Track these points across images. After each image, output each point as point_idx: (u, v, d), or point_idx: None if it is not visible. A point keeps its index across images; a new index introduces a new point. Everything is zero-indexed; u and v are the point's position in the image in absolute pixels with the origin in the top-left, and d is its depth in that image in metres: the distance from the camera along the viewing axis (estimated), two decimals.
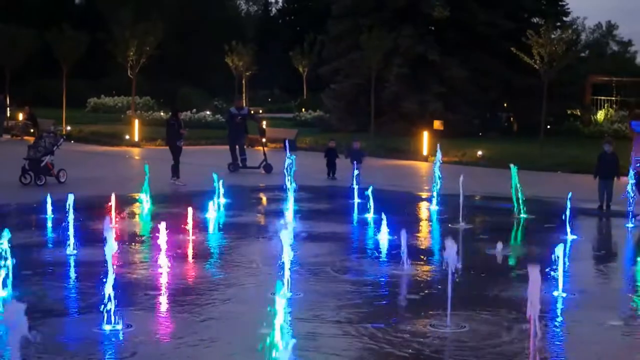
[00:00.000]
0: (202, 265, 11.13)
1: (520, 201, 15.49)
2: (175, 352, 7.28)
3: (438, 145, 18.44)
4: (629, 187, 14.91)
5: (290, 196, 15.24)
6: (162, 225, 10.10)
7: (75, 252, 11.44)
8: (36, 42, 40.51)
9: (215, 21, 70.13)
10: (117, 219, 13.98)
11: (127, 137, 32.90)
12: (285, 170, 16.55)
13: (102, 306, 7.77)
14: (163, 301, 9.02)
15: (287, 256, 8.83)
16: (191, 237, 12.67)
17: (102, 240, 7.94)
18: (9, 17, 46.27)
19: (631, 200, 14.85)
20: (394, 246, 12.37)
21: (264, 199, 18.83)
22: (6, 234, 8.56)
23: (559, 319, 8.67)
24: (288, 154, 16.83)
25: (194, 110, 43.55)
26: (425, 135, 28.43)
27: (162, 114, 43.34)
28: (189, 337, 7.73)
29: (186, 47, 64.48)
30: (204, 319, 8.35)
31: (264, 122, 31.66)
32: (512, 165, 15.34)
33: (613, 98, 45.39)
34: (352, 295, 9.39)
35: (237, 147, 23.66)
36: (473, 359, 7.13)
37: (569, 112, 43.63)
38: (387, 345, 7.50)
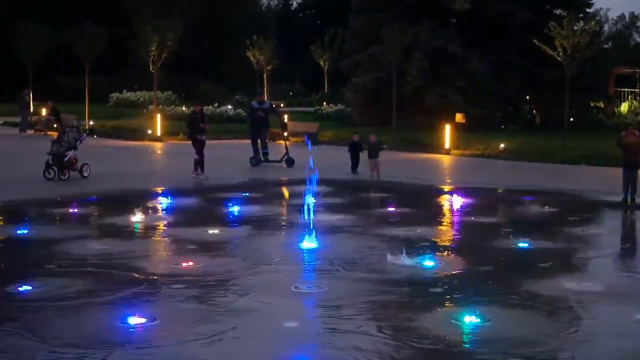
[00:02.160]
0: (225, 259, 11.14)
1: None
2: (200, 346, 7.29)
3: None
4: None
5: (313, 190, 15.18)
6: (184, 219, 10.14)
7: (99, 246, 11.49)
8: (56, 38, 40.64)
9: (236, 16, 70.22)
10: (140, 213, 14.01)
11: (150, 131, 33.02)
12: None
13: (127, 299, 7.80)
14: (187, 294, 9.04)
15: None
16: (213, 231, 12.69)
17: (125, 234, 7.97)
18: (29, 13, 46.52)
19: None
20: (416, 240, 12.34)
21: (286, 193, 18.83)
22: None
23: (584, 312, 8.60)
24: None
25: (216, 104, 43.63)
26: (447, 129, 28.32)
27: (183, 108, 43.49)
28: (213, 330, 7.74)
29: (207, 42, 64.62)
30: (228, 312, 8.36)
31: (286, 116, 31.69)
32: None
33: (637, 90, 45.00)
34: (375, 289, 9.36)
35: (259, 141, 23.69)
36: (497, 353, 7.09)
37: (592, 104, 43.29)
38: (410, 339, 7.47)
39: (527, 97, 42.61)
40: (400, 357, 7.04)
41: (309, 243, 11.57)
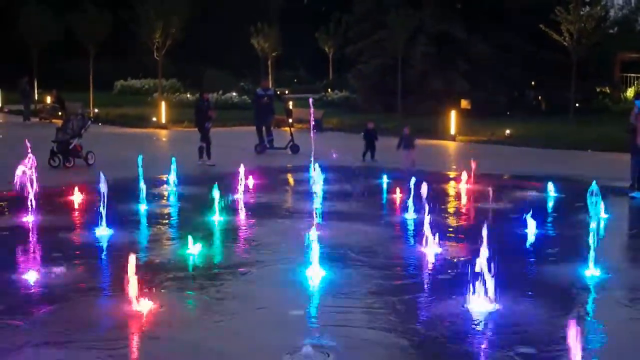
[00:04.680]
0: (231, 246, 11.11)
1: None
2: (205, 334, 7.27)
3: None
4: None
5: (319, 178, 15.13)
6: (189, 207, 10.13)
7: (105, 233, 11.47)
8: (60, 24, 40.50)
9: (240, 2, 69.97)
10: (146, 201, 13.97)
11: (154, 119, 33.01)
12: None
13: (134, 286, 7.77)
14: (192, 282, 9.01)
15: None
16: (219, 218, 12.67)
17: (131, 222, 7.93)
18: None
19: None
20: (423, 226, 12.31)
21: (292, 180, 18.80)
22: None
23: (592, 299, 8.57)
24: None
25: (221, 91, 43.58)
26: (453, 115, 28.24)
27: (188, 95, 43.45)
28: (219, 318, 7.72)
29: (212, 29, 64.44)
30: (234, 300, 8.34)
31: (290, 103, 31.61)
32: None
33: None
34: (382, 275, 9.33)
35: (263, 127, 23.64)
36: (506, 339, 7.05)
37: (598, 89, 43.12)
38: (418, 325, 7.44)
39: (533, 83, 42.46)
40: (408, 344, 7.01)
41: (315, 230, 11.54)
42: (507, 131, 27.88)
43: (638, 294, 8.69)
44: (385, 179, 17.07)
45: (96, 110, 36.37)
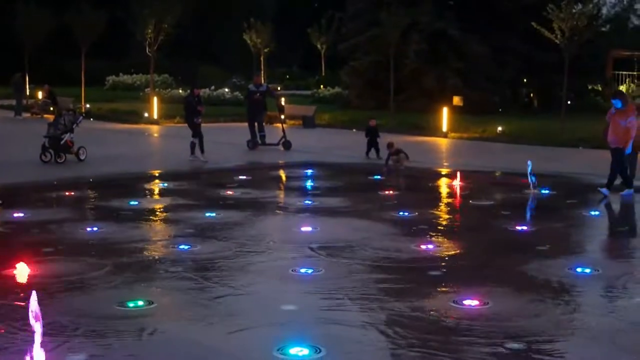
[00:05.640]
0: (222, 242, 11.10)
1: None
2: (198, 329, 7.27)
3: None
4: None
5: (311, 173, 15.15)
6: (181, 203, 10.12)
7: (95, 229, 11.47)
8: (54, 21, 40.39)
9: None
10: (137, 196, 13.96)
11: (146, 114, 32.95)
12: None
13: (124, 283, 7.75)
14: (184, 278, 9.00)
15: None
16: (210, 214, 12.66)
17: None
18: None
19: None
20: (415, 222, 12.32)
21: (283, 176, 18.80)
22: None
23: (582, 295, 8.59)
24: None
25: (213, 87, 43.51)
26: (445, 112, 28.28)
27: (180, 91, 43.38)
28: (211, 314, 7.72)
29: (205, 25, 64.36)
30: (226, 296, 8.33)
31: (283, 99, 31.62)
32: None
33: (634, 73, 44.95)
34: (374, 272, 9.33)
35: (256, 124, 23.62)
36: (496, 336, 7.07)
37: (590, 87, 43.22)
38: (408, 322, 7.45)
39: (525, 80, 42.55)
40: (398, 339, 7.02)
41: (306, 226, 11.54)
42: (499, 128, 27.94)
43: (626, 289, 8.71)
44: (379, 176, 17.09)
45: (87, 106, 36.26)
